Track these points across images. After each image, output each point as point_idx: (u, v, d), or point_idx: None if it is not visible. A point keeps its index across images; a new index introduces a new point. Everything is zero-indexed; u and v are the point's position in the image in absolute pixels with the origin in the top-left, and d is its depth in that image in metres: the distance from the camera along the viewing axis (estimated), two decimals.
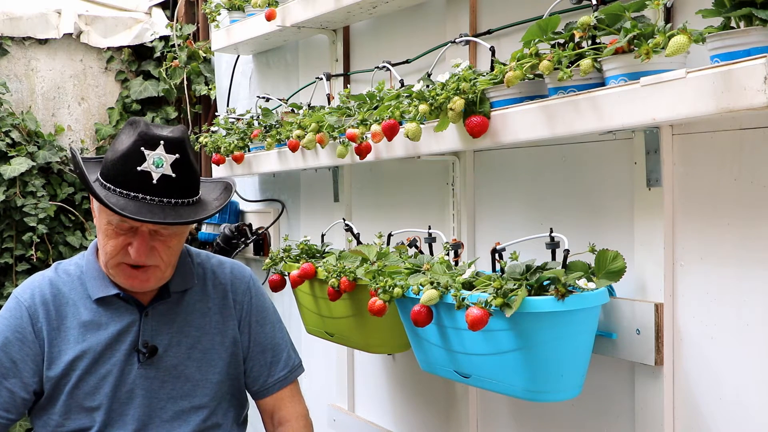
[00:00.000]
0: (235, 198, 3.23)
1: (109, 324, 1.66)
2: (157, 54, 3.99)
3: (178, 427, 1.67)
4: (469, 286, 1.54)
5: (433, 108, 1.60)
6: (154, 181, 1.55)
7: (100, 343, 1.64)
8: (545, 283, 1.46)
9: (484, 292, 1.46)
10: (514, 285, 1.43)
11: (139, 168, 1.55)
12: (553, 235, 1.54)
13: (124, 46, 4.03)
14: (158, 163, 1.55)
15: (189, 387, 1.69)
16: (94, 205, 1.65)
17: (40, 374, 1.63)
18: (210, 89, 3.75)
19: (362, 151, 1.90)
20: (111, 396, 1.63)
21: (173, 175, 1.56)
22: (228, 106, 3.25)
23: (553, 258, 1.55)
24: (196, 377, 1.70)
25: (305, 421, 1.86)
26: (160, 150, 1.55)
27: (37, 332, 1.63)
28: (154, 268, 1.63)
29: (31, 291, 1.67)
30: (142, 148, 1.55)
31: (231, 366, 1.76)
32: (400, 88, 1.84)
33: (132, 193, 1.55)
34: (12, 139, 3.65)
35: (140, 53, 4.08)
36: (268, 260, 2.21)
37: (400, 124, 1.74)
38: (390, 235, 1.97)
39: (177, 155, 1.57)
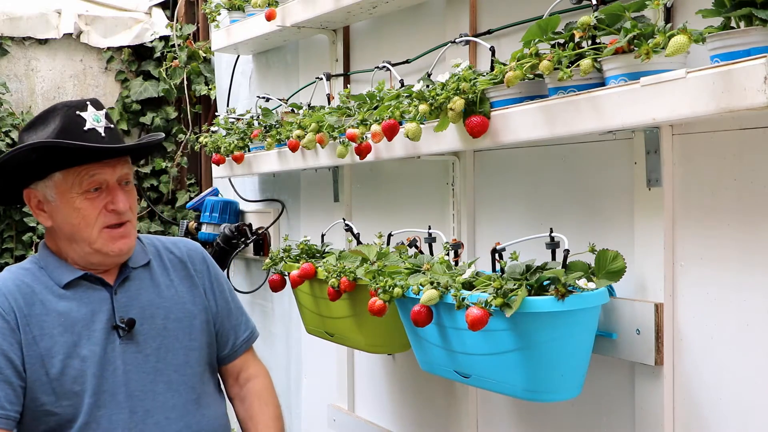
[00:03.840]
0: (235, 198, 3.23)
1: (80, 307, 1.66)
2: (157, 54, 4.00)
3: (171, 398, 1.68)
4: (469, 286, 1.54)
5: (433, 108, 1.60)
6: (103, 134, 1.64)
7: (77, 325, 1.64)
8: (545, 283, 1.47)
9: (484, 292, 1.46)
10: (514, 285, 1.43)
11: (85, 128, 1.63)
12: (553, 235, 1.54)
13: (124, 46, 4.03)
14: (97, 118, 1.65)
15: (171, 357, 1.71)
16: (49, 195, 1.65)
17: (24, 362, 1.63)
18: (210, 89, 3.75)
19: (362, 151, 1.90)
20: (98, 376, 1.63)
21: (112, 126, 1.68)
22: (228, 106, 3.25)
23: (553, 258, 1.55)
24: (176, 346, 1.72)
25: (269, 378, 1.92)
26: (91, 109, 1.66)
27: (12, 322, 1.62)
28: (130, 224, 1.68)
29: None
30: (77, 112, 1.64)
31: (206, 333, 1.79)
32: (400, 88, 1.84)
33: (91, 146, 1.63)
34: (12, 139, 3.65)
35: (140, 53, 4.08)
36: (268, 260, 2.21)
37: (400, 124, 1.74)
38: (390, 235, 1.97)
39: (104, 109, 1.70)
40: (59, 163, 1.62)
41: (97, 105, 1.68)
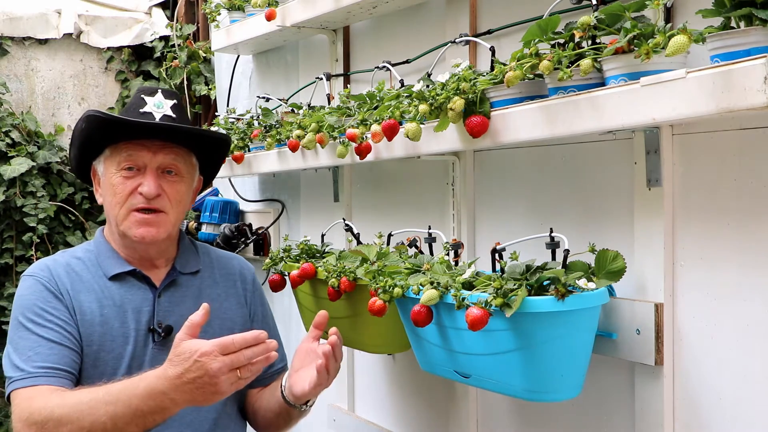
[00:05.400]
0: (235, 198, 3.23)
1: (123, 302, 1.66)
2: (157, 54, 3.99)
3: (188, 414, 1.65)
4: (469, 286, 1.54)
5: (433, 108, 1.60)
6: (157, 120, 1.66)
7: (116, 320, 1.64)
8: (545, 283, 1.46)
9: (484, 292, 1.46)
10: (514, 285, 1.43)
11: (141, 110, 1.66)
12: (553, 235, 1.54)
13: (124, 46, 4.03)
14: (159, 105, 1.67)
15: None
16: (100, 170, 1.70)
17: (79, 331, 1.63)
18: (210, 89, 3.75)
19: (362, 151, 1.90)
20: (126, 376, 1.62)
21: (174, 115, 1.68)
22: (228, 106, 3.25)
23: (553, 258, 1.55)
24: None
25: None
26: (159, 96, 1.69)
27: (65, 300, 1.63)
28: (164, 215, 1.66)
29: (47, 268, 1.68)
30: (142, 95, 1.69)
31: None
32: (400, 88, 1.84)
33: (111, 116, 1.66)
34: (12, 139, 3.65)
35: (140, 53, 4.08)
36: (268, 260, 2.21)
37: (400, 124, 1.74)
38: (390, 235, 1.97)
39: (175, 100, 1.70)
40: (101, 136, 1.66)
41: (168, 95, 1.70)
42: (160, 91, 1.70)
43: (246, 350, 1.40)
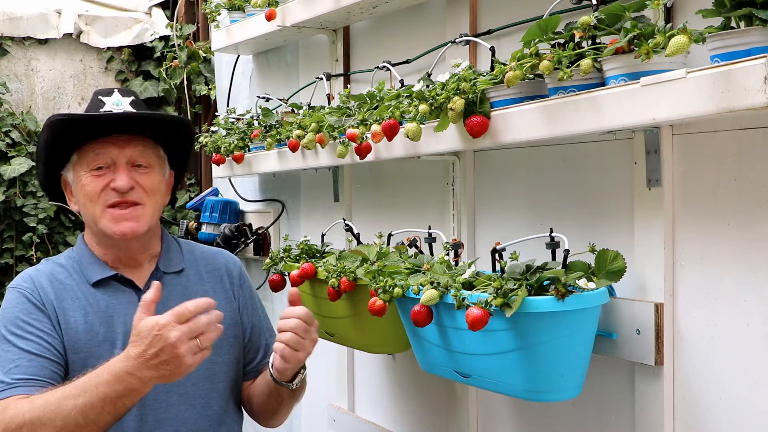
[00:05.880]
0: (235, 198, 3.23)
1: (108, 307, 1.66)
2: (157, 54, 4.00)
3: (184, 411, 1.65)
4: (469, 286, 1.54)
5: (433, 108, 1.60)
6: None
7: (102, 325, 1.64)
8: (545, 283, 1.47)
9: (484, 292, 1.46)
10: (514, 285, 1.43)
11: (102, 110, 1.66)
12: (553, 235, 1.54)
13: (124, 46, 4.04)
14: (117, 102, 1.67)
15: (191, 370, 1.69)
16: (70, 178, 1.69)
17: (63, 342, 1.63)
18: (210, 89, 3.75)
19: (362, 151, 1.90)
20: None
21: (134, 110, 1.68)
22: (228, 106, 3.25)
23: (553, 258, 1.55)
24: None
25: None
26: (116, 95, 1.69)
27: (47, 311, 1.64)
28: (141, 207, 1.66)
29: (30, 279, 1.68)
30: (99, 97, 1.68)
31: (234, 348, 1.76)
32: (400, 88, 1.84)
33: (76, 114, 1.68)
34: (12, 139, 3.65)
35: (140, 53, 4.08)
36: (268, 260, 2.21)
37: (400, 124, 1.74)
38: (390, 235, 1.97)
39: (132, 97, 1.70)
40: (67, 140, 1.64)
41: (125, 93, 1.70)
42: (116, 90, 1.70)
43: (202, 316, 1.42)
